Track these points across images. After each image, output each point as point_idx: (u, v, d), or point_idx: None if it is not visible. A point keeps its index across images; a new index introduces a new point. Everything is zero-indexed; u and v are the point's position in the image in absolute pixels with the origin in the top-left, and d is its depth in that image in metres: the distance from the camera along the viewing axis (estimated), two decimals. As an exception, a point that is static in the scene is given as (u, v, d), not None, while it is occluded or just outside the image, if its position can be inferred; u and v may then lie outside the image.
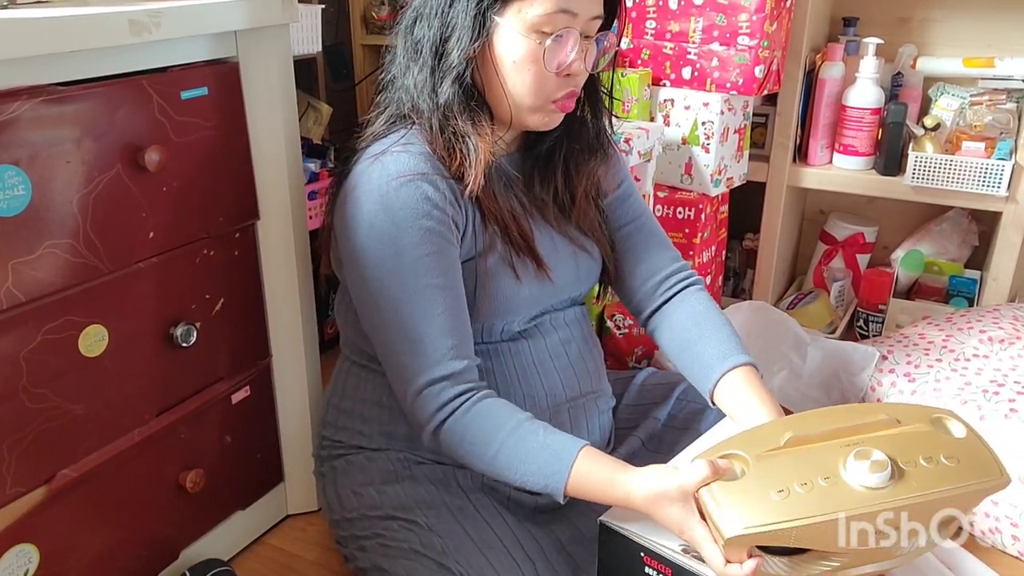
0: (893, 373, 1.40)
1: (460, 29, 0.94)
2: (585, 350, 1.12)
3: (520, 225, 1.02)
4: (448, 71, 0.96)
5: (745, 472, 0.77)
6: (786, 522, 0.72)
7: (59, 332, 0.95)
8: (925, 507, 0.75)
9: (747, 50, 1.58)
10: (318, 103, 1.89)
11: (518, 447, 0.92)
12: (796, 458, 0.76)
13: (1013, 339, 1.41)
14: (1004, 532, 1.23)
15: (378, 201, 0.95)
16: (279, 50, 1.14)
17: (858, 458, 0.75)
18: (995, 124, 1.63)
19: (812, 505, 0.72)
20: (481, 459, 0.94)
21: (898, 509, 0.73)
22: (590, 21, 0.97)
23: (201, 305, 1.13)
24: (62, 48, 0.89)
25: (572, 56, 0.96)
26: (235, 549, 1.27)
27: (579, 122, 1.08)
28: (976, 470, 0.78)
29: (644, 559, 0.85)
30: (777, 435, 0.79)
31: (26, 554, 0.96)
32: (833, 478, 0.74)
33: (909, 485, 0.74)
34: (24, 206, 0.89)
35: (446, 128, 0.98)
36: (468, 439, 0.94)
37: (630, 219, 1.17)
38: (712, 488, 0.76)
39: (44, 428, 0.95)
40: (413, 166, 0.96)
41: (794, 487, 0.73)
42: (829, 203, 2.07)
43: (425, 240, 0.95)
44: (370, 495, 1.06)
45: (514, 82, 0.97)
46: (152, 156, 0.99)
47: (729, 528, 0.73)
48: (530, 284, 1.02)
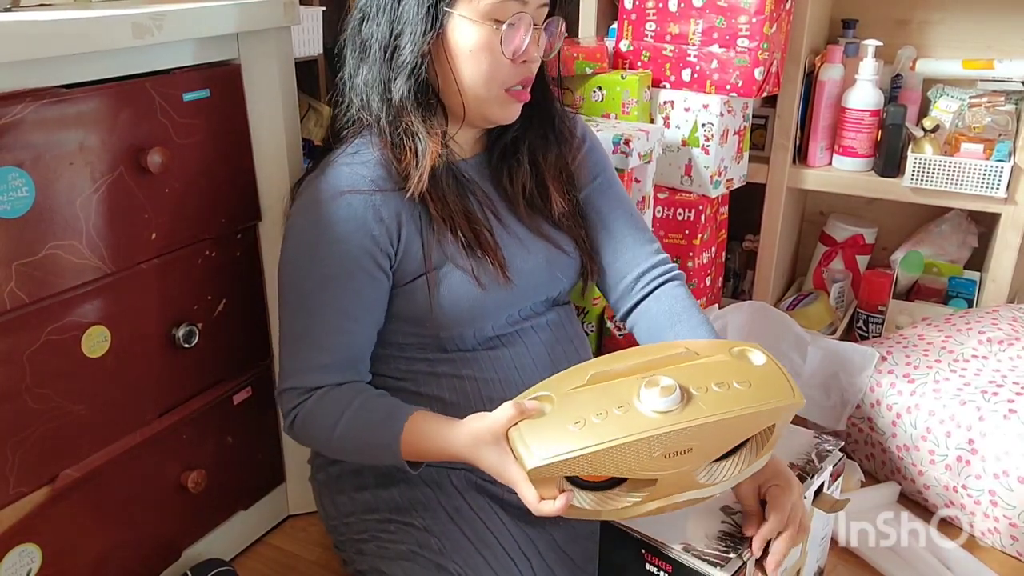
0: (892, 374, 1.40)
1: (412, 24, 0.94)
2: (571, 351, 1.11)
3: (475, 227, 1.01)
4: (401, 68, 0.96)
5: (551, 410, 0.81)
6: (579, 450, 0.75)
7: (62, 333, 0.96)
8: (718, 429, 0.78)
9: (747, 52, 1.59)
10: (319, 105, 1.90)
11: (356, 418, 0.95)
12: (596, 393, 0.81)
13: (1012, 340, 1.41)
14: (1004, 532, 1.23)
15: (310, 211, 0.97)
16: (281, 52, 1.14)
17: (648, 386, 0.79)
18: (994, 126, 1.64)
19: (605, 432, 0.76)
20: (327, 439, 0.97)
21: (686, 430, 0.76)
22: (538, 8, 0.97)
23: (203, 306, 1.13)
24: (65, 51, 0.89)
25: (527, 42, 0.96)
26: (236, 549, 1.28)
27: (537, 110, 1.07)
28: (767, 392, 0.80)
29: (645, 555, 0.87)
30: (582, 374, 0.83)
31: (29, 554, 0.97)
32: (626, 407, 0.78)
33: (698, 408, 0.77)
34: (27, 207, 0.89)
35: (397, 126, 0.98)
36: (314, 422, 0.97)
37: (608, 210, 1.14)
38: (519, 427, 0.80)
39: (47, 428, 0.96)
40: (352, 182, 0.96)
41: (590, 418, 0.77)
42: (829, 204, 2.08)
43: (337, 261, 0.96)
44: (365, 499, 1.07)
45: (469, 72, 0.96)
46: (154, 158, 0.99)
47: (529, 460, 0.77)
48: (493, 289, 1.01)
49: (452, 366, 1.04)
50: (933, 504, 1.32)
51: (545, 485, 0.79)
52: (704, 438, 0.79)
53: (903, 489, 1.36)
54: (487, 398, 1.03)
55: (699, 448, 0.79)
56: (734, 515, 0.91)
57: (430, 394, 1.04)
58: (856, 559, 1.23)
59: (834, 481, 1.00)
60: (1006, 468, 1.22)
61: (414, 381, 1.04)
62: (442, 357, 1.04)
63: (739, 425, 0.80)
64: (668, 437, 0.77)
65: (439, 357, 1.04)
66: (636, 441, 0.76)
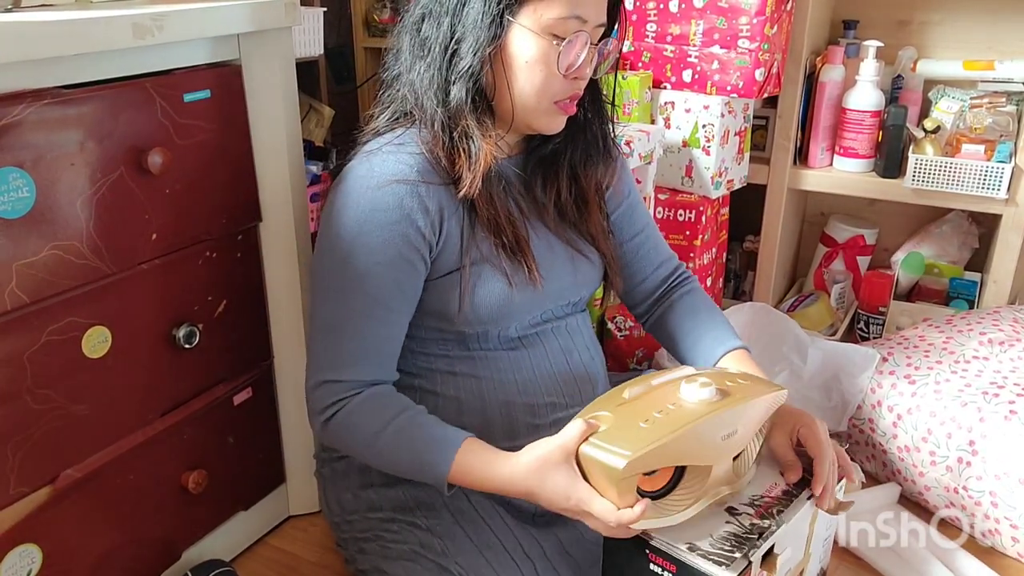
0: (893, 375, 1.40)
1: (476, 30, 0.94)
2: (588, 359, 1.12)
3: (516, 229, 1.02)
4: (462, 72, 0.96)
5: (611, 420, 0.87)
6: (659, 440, 0.82)
7: (63, 333, 0.96)
8: (749, 411, 0.90)
9: (747, 53, 1.59)
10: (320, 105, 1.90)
11: (406, 430, 0.95)
12: (643, 401, 0.89)
13: (1013, 341, 1.41)
14: (1004, 533, 1.23)
15: (355, 198, 0.96)
16: (281, 53, 1.14)
17: (688, 383, 0.89)
18: (995, 127, 1.64)
19: (673, 422, 0.84)
20: (367, 445, 0.96)
21: (736, 409, 0.88)
22: (595, 28, 0.98)
23: (203, 307, 1.13)
24: (66, 51, 0.90)
25: (581, 59, 0.97)
26: (237, 550, 1.28)
27: (583, 126, 1.09)
28: (763, 386, 0.95)
29: (649, 556, 0.87)
30: (620, 393, 0.92)
31: (29, 554, 0.97)
32: (677, 403, 0.88)
33: (733, 395, 0.89)
34: (28, 208, 0.89)
35: (452, 128, 0.98)
36: (356, 423, 0.96)
37: (639, 229, 1.19)
38: (590, 441, 0.85)
39: (48, 429, 0.96)
40: (399, 171, 0.96)
41: (653, 415, 0.85)
42: (829, 205, 2.08)
43: (383, 250, 0.95)
44: (369, 497, 1.07)
45: (523, 82, 0.97)
46: (155, 158, 0.99)
47: (619, 460, 0.81)
48: (523, 290, 1.02)
49: (471, 365, 1.04)
50: (934, 505, 1.32)
51: (626, 490, 0.82)
52: (744, 420, 0.90)
53: (903, 490, 1.36)
54: (504, 402, 1.04)
55: (740, 430, 0.89)
56: (739, 516, 0.91)
57: (446, 394, 1.04)
58: (857, 559, 1.23)
59: (838, 482, 1.00)
60: (1007, 469, 1.22)
61: (431, 379, 1.04)
62: (462, 355, 1.04)
63: (759, 410, 0.92)
64: (724, 417, 0.87)
65: (459, 355, 1.04)
66: (703, 423, 0.85)
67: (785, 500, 0.94)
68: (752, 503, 0.94)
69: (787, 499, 0.94)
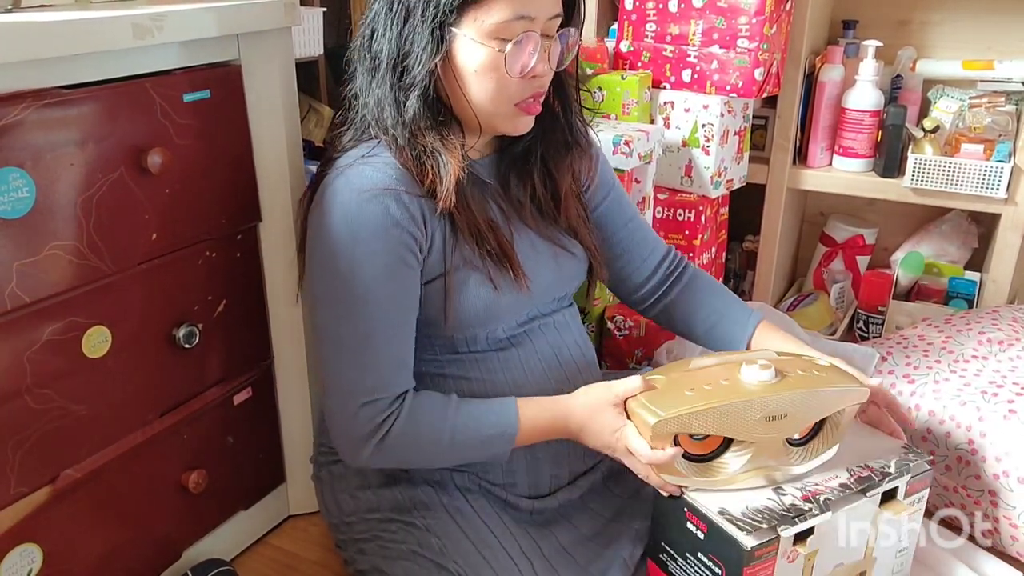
0: (892, 374, 1.40)
1: (418, 44, 0.93)
2: (577, 354, 1.12)
3: (498, 234, 1.01)
4: (412, 87, 0.94)
5: (664, 384, 0.96)
6: (693, 407, 0.89)
7: (63, 333, 0.96)
8: (807, 399, 0.93)
9: (747, 53, 1.59)
10: (320, 105, 1.90)
11: (466, 423, 0.98)
12: (703, 372, 0.97)
13: (1012, 340, 1.41)
14: (1003, 532, 1.23)
15: (342, 212, 0.95)
16: (281, 53, 1.14)
17: (748, 364, 0.94)
18: (994, 126, 1.64)
19: (716, 396, 0.91)
20: (435, 447, 0.97)
21: (784, 396, 0.92)
22: (549, 21, 0.95)
23: (203, 307, 1.13)
24: (66, 51, 0.90)
25: (534, 60, 0.95)
26: (237, 549, 1.28)
27: (551, 119, 1.07)
28: (841, 378, 0.98)
29: (687, 514, 0.95)
30: (684, 364, 1.00)
31: (30, 554, 0.97)
32: (731, 380, 0.94)
33: (791, 382, 0.94)
34: (28, 208, 0.89)
35: (415, 145, 0.96)
36: (417, 430, 0.97)
37: (628, 218, 1.19)
38: (638, 398, 0.94)
39: (48, 429, 0.96)
40: (378, 180, 0.95)
41: (702, 387, 0.93)
42: (829, 205, 2.08)
43: (384, 257, 0.95)
44: (367, 498, 1.07)
45: (477, 90, 0.96)
46: (155, 158, 1.00)
47: (652, 417, 0.90)
48: (508, 292, 1.01)
49: (461, 367, 1.04)
50: (933, 504, 1.32)
51: (660, 438, 0.91)
52: (796, 407, 0.92)
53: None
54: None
55: (792, 416, 0.93)
56: (783, 495, 0.94)
57: None
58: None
59: (912, 493, 1.00)
60: (1006, 469, 1.22)
61: (421, 382, 1.04)
62: (451, 358, 1.04)
63: (822, 400, 0.94)
64: (770, 401, 0.91)
65: (448, 358, 1.04)
66: (744, 402, 0.90)
67: (839, 492, 0.95)
68: (803, 487, 0.95)
69: (842, 491, 0.95)
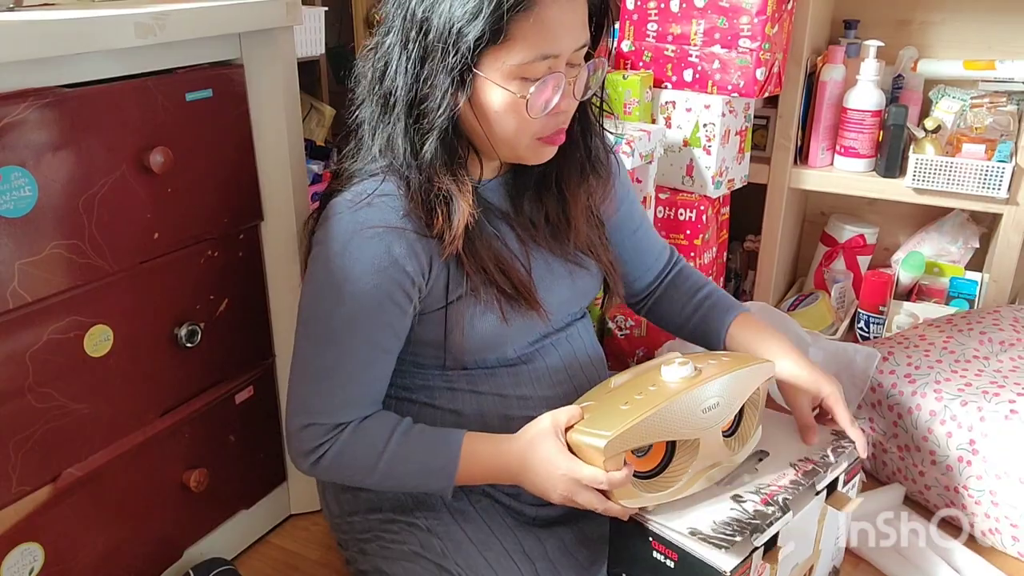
0: (894, 374, 1.40)
1: (439, 88, 0.89)
2: (587, 364, 1.11)
3: (511, 273, 0.98)
4: (430, 130, 0.91)
5: (595, 410, 0.94)
6: (637, 418, 0.87)
7: (64, 332, 0.96)
8: (730, 384, 0.93)
9: (748, 52, 1.59)
10: (321, 105, 1.90)
11: (405, 444, 0.96)
12: (626, 387, 0.96)
13: (1013, 341, 1.41)
14: (1004, 532, 1.23)
15: (342, 245, 0.93)
16: (283, 52, 1.14)
17: (667, 364, 0.94)
18: (995, 126, 1.64)
19: (651, 401, 0.89)
20: (366, 473, 0.96)
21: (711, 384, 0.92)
22: (575, 52, 0.93)
23: (205, 306, 1.13)
24: (68, 50, 0.90)
25: (557, 98, 0.92)
26: (239, 548, 1.28)
27: (570, 142, 1.03)
28: (748, 360, 0.99)
29: (652, 544, 0.90)
30: (607, 385, 0.99)
31: (31, 553, 0.97)
32: (657, 384, 0.93)
33: (710, 371, 0.94)
34: (30, 207, 0.89)
35: (428, 188, 0.93)
36: (353, 453, 0.96)
37: (634, 229, 1.19)
38: (576, 428, 0.91)
39: (49, 427, 0.96)
40: (385, 218, 0.93)
41: (633, 397, 0.91)
42: (830, 205, 2.08)
43: (370, 295, 0.93)
44: (369, 498, 1.07)
45: (498, 129, 0.93)
46: (157, 157, 1.00)
47: (599, 440, 0.87)
48: (518, 321, 1.00)
49: (470, 381, 1.03)
50: (934, 504, 1.32)
51: (612, 461, 0.88)
52: (724, 392, 0.93)
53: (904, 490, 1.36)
54: (503, 415, 1.03)
55: (722, 403, 0.92)
56: (743, 503, 0.92)
57: (445, 407, 1.03)
58: (857, 558, 1.23)
59: (848, 481, 1.00)
60: (1007, 468, 1.22)
61: (428, 393, 1.03)
62: (461, 374, 1.03)
63: (743, 381, 0.95)
64: (701, 392, 0.91)
65: (458, 374, 1.03)
66: (680, 398, 0.89)
67: (793, 489, 0.94)
68: (758, 491, 0.94)
69: (795, 488, 0.94)
